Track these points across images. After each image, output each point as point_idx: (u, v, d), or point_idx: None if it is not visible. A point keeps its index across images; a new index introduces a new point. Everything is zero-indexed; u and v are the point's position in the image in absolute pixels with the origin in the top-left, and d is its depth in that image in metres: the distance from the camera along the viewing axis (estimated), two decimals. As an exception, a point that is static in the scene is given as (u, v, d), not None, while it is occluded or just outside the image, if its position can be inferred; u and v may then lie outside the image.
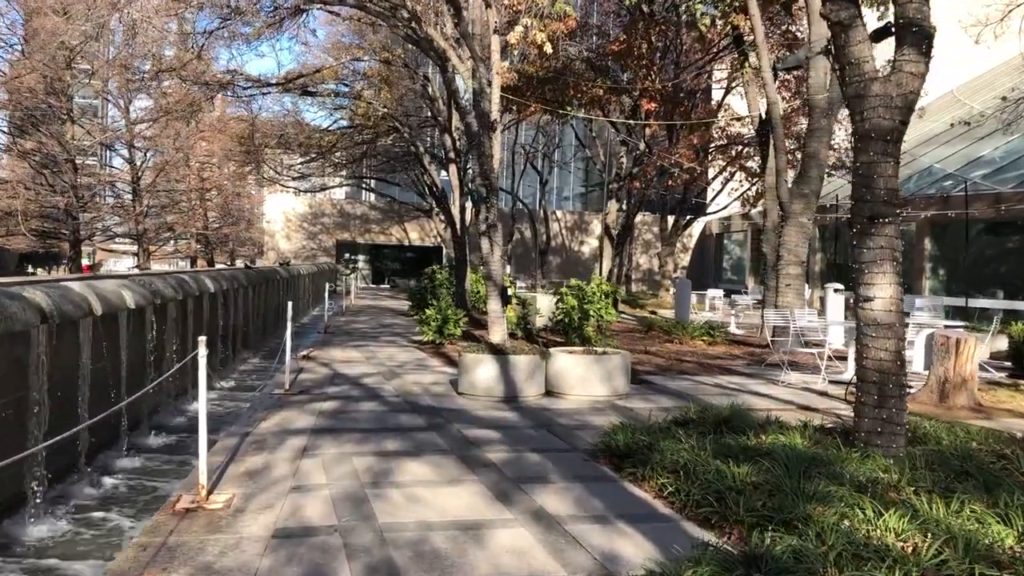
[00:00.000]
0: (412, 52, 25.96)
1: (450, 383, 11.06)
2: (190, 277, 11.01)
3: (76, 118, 27.89)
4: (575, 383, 10.04)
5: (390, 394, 10.23)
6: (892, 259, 6.53)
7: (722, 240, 48.84)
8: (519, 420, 8.71)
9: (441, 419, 8.67)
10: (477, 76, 14.83)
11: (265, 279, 17.65)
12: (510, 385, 9.80)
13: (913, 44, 6.30)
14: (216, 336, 12.80)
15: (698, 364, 14.15)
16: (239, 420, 8.62)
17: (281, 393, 10.04)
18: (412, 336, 17.73)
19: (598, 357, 10.19)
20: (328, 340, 16.91)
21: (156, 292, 9.07)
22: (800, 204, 16.05)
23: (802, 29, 26.67)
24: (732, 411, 7.94)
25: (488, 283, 15.28)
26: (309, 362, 13.16)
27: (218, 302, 12.75)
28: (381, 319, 23.44)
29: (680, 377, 12.50)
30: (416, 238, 50.26)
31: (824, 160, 16.11)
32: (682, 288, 22.64)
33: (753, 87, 19.85)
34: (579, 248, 51.12)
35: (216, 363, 12.92)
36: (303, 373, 11.86)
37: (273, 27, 22.08)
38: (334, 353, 14.46)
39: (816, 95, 15.74)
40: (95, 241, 34.29)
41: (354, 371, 12.22)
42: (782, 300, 16.15)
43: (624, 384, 10.28)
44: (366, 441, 7.56)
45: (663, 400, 10.21)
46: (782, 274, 16.23)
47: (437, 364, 13.43)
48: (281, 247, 48.31)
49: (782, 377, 12.33)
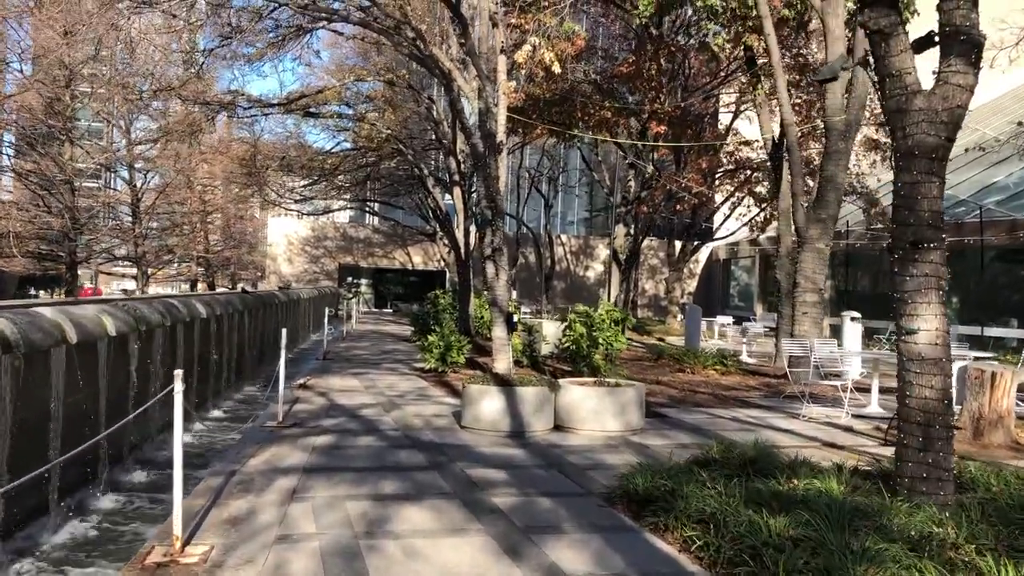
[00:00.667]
0: (417, 73, 25.60)
1: (453, 415, 10.47)
2: (180, 302, 10.47)
3: (75, 139, 27.54)
4: (586, 417, 9.45)
5: (389, 427, 9.64)
6: (937, 288, 5.97)
7: (729, 266, 48.28)
8: (527, 458, 8.11)
9: (443, 456, 8.08)
10: (483, 96, 14.37)
11: (262, 304, 17.12)
12: (517, 419, 9.21)
13: (961, 54, 5.78)
14: (209, 364, 12.24)
15: (713, 396, 13.54)
16: (226, 456, 8.04)
17: (274, 426, 9.46)
18: (414, 363, 17.15)
19: (611, 389, 9.60)
20: (327, 367, 16.34)
21: (141, 318, 8.52)
22: (817, 229, 15.52)
23: (812, 52, 26.31)
24: (758, 451, 7.34)
25: (493, 309, 14.73)
26: (305, 391, 12.58)
27: (211, 328, 12.20)
28: (382, 345, 22.87)
29: (695, 410, 11.90)
30: (419, 262, 49.78)
31: (842, 184, 15.60)
32: (692, 315, 22.04)
33: (765, 110, 19.42)
34: (584, 273, 50.58)
35: (209, 392, 12.36)
36: (298, 403, 11.28)
37: (275, 47, 21.73)
38: (332, 381, 13.88)
39: (833, 116, 15.24)
40: (93, 263, 33.82)
41: (352, 401, 11.64)
42: (799, 329, 15.57)
43: (638, 418, 9.68)
44: (362, 482, 6.97)
45: (680, 436, 9.60)
46: (798, 302, 15.67)
47: (439, 394, 12.84)
48: (283, 270, 47.83)
49: (803, 411, 11.71)
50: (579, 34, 16.45)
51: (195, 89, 20.25)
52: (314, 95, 21.42)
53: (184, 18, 16.62)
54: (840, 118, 15.27)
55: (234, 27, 18.33)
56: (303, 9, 15.02)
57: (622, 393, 9.55)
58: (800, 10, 17.29)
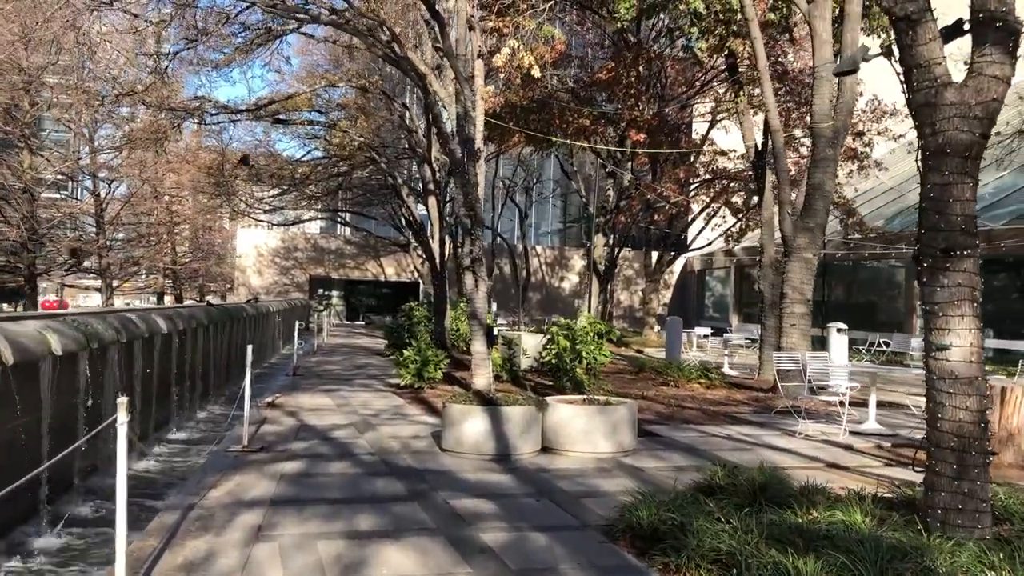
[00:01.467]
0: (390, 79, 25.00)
1: (432, 436, 9.80)
2: (138, 316, 9.72)
3: (34, 147, 26.48)
4: (576, 438, 8.83)
5: (364, 451, 8.95)
6: (971, 299, 5.44)
7: (704, 277, 48.02)
8: (516, 485, 7.48)
9: (424, 484, 7.41)
10: (461, 99, 13.77)
11: (229, 317, 16.32)
12: (502, 441, 8.57)
13: (996, 42, 5.27)
14: (171, 382, 11.46)
15: (701, 412, 12.99)
16: (185, 486, 7.32)
17: (239, 450, 8.73)
18: (388, 379, 16.44)
19: (601, 408, 8.99)
20: (297, 384, 15.59)
21: (92, 335, 7.78)
22: (805, 239, 15.07)
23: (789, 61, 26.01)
24: (767, 476, 6.77)
25: (472, 322, 14.09)
26: (274, 410, 11.84)
27: (173, 344, 11.43)
28: (355, 359, 22.12)
29: (686, 427, 11.32)
30: (392, 273, 48.95)
31: (830, 192, 15.18)
32: (672, 327, 21.55)
33: (747, 117, 19.03)
34: (560, 284, 50.06)
35: (171, 412, 11.58)
36: (266, 424, 10.55)
37: (244, 53, 21.00)
38: (302, 400, 13.14)
39: (821, 123, 14.82)
40: (56, 276, 32.67)
41: (324, 422, 10.93)
42: (787, 341, 15.09)
43: (631, 439, 9.08)
44: (335, 517, 6.29)
45: (675, 457, 9.02)
46: (786, 313, 15.19)
47: (416, 412, 12.16)
48: (252, 283, 46.77)
49: (799, 428, 11.19)
50: (559, 38, 15.92)
51: (160, 95, 19.43)
52: (284, 100, 20.69)
53: (146, 17, 15.85)
54: (828, 124, 14.86)
55: (200, 29, 17.60)
56: (271, 8, 14.34)
57: (613, 412, 8.94)
58: (784, 13, 16.93)
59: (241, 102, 22.12)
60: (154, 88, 17.98)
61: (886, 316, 33.66)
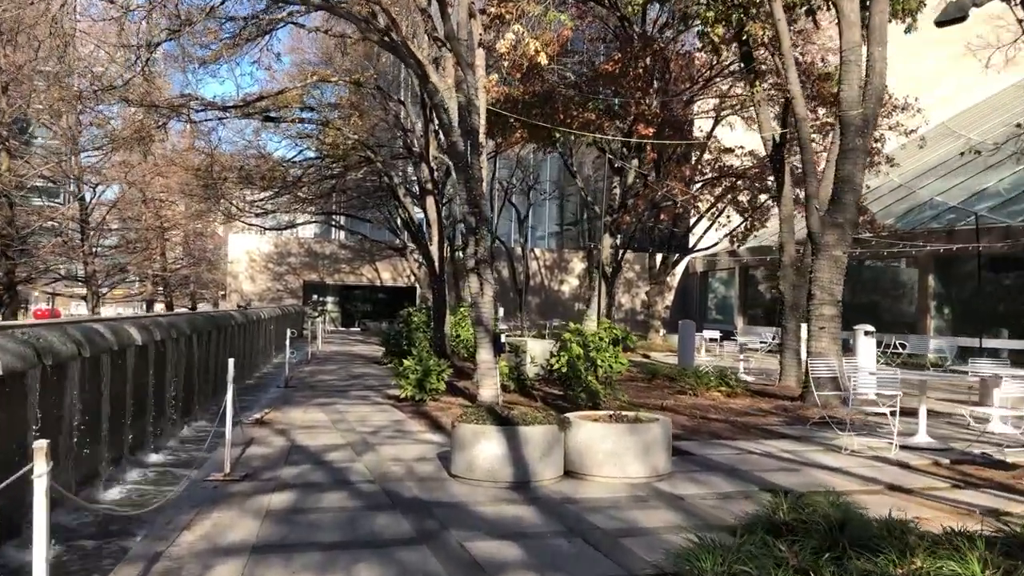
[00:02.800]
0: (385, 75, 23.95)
1: (439, 459, 8.71)
2: (106, 327, 8.63)
3: (12, 149, 25.31)
4: (603, 460, 7.75)
5: (362, 478, 7.85)
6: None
7: (707, 278, 46.99)
8: (540, 521, 6.39)
9: (434, 521, 6.33)
10: (463, 88, 12.72)
11: (215, 326, 15.21)
12: (520, 466, 7.49)
13: None
14: (147, 399, 10.36)
15: (729, 424, 11.91)
16: (153, 527, 6.22)
17: (219, 479, 7.64)
18: (387, 390, 15.35)
19: (632, 426, 7.91)
20: (289, 397, 14.48)
21: (45, 350, 6.70)
22: (833, 235, 14.02)
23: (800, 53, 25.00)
24: (843, 510, 5.71)
25: (478, 329, 13.03)
26: (262, 428, 10.74)
27: (149, 356, 10.33)
28: (351, 368, 21.02)
29: (718, 443, 10.25)
30: (388, 278, 47.83)
31: (859, 185, 14.13)
32: (686, 331, 20.48)
33: (764, 108, 18.00)
34: (559, 288, 48.98)
35: (148, 432, 10.46)
36: (253, 446, 9.45)
37: (232, 48, 19.93)
38: (294, 415, 12.04)
39: (849, 111, 13.79)
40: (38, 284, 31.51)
41: (317, 441, 9.83)
42: (816, 345, 14.02)
43: (665, 460, 8.00)
44: (329, 567, 5.20)
45: (716, 481, 7.94)
46: (814, 316, 14.13)
47: (419, 429, 11.07)
48: (245, 289, 45.62)
49: (842, 442, 10.13)
50: (566, 24, 14.87)
51: (142, 90, 18.32)
52: (274, 96, 19.59)
53: (123, 3, 14.76)
54: (857, 111, 13.82)
55: (183, 19, 16.51)
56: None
57: (645, 430, 7.86)
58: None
59: (229, 99, 21.02)
60: (135, 84, 16.85)
61: (896, 317, 32.59)
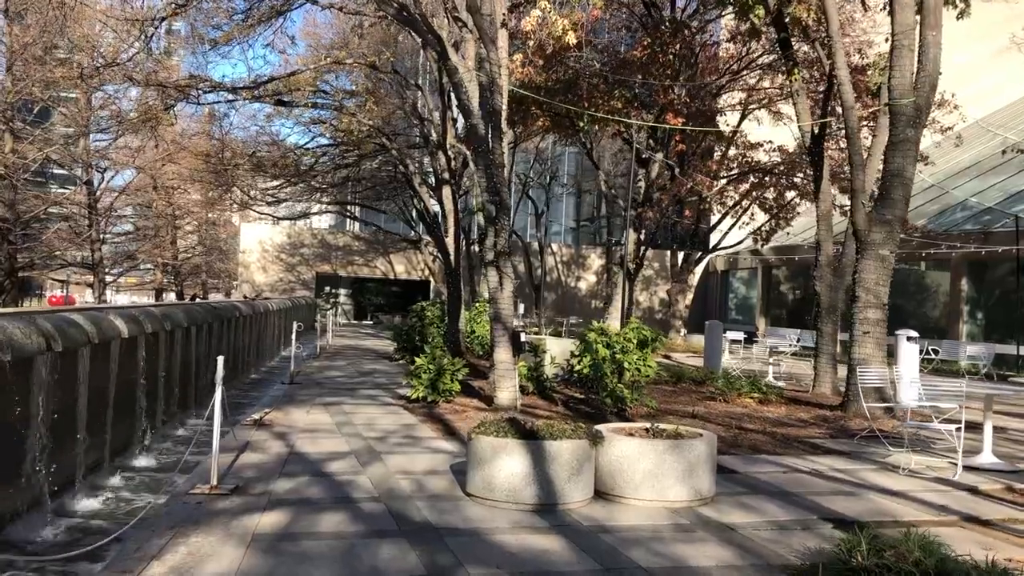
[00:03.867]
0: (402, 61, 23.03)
1: (453, 472, 7.80)
2: (85, 318, 7.76)
3: (17, 130, 24.53)
4: (640, 481, 6.81)
5: (366, 495, 6.94)
6: None
7: (727, 277, 45.90)
8: (572, 557, 5.45)
9: (447, 554, 5.40)
10: (485, 67, 11.80)
11: (217, 317, 14.34)
12: (546, 485, 6.56)
13: None
14: (135, 396, 9.50)
15: (768, 436, 10.93)
16: (119, 557, 5.33)
17: (205, 492, 6.75)
18: (398, 388, 14.46)
19: (673, 443, 6.96)
20: (292, 395, 13.60)
21: (4, 343, 5.83)
22: (881, 233, 13.00)
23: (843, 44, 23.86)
24: (935, 557, 4.75)
25: (496, 326, 12.12)
26: (260, 431, 9.86)
27: (139, 350, 9.47)
28: (361, 364, 20.14)
29: (760, 459, 9.28)
30: (402, 271, 46.97)
31: (911, 180, 13.09)
32: (712, 332, 19.49)
33: (803, 98, 16.96)
34: (576, 284, 48.01)
35: (136, 432, 9.60)
36: (247, 452, 8.56)
37: (245, 30, 19.11)
38: (296, 416, 11.15)
39: (901, 99, 12.77)
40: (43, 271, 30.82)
41: (318, 448, 8.93)
42: (859, 351, 13.02)
43: (709, 482, 7.05)
44: (319, 618, 4.29)
45: (768, 507, 6.98)
46: (858, 319, 13.12)
47: (431, 434, 10.15)
48: (256, 279, 44.88)
49: (897, 460, 9.15)
50: (596, 3, 13.89)
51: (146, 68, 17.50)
52: (286, 78, 18.70)
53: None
54: (909, 100, 12.80)
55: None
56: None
57: (688, 448, 6.91)
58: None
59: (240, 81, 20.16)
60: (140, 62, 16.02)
61: (924, 321, 31.42)
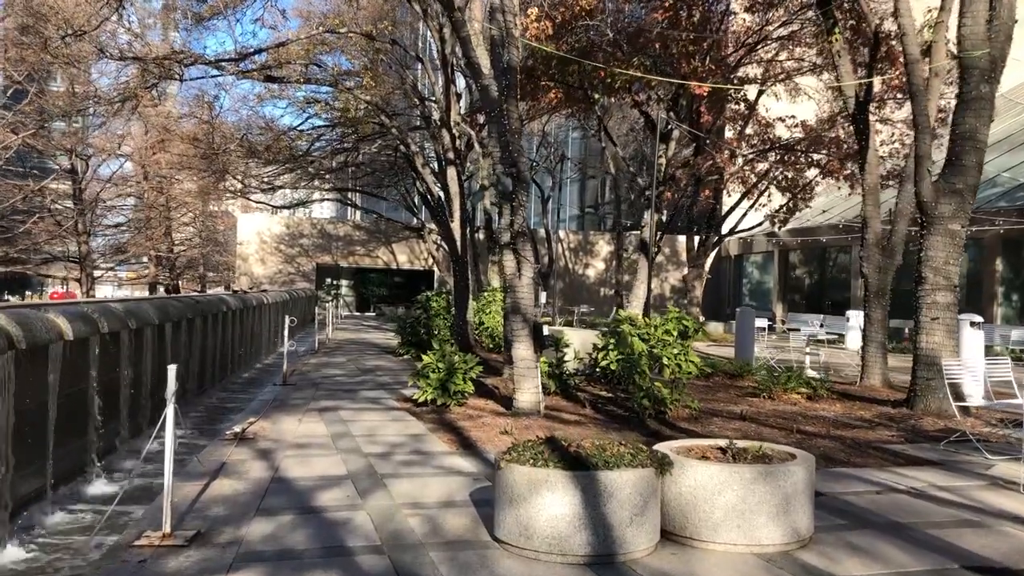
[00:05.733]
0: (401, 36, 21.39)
1: (473, 503, 6.23)
2: (8, 318, 6.19)
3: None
4: (721, 520, 5.23)
5: (365, 542, 5.36)
6: None
7: (741, 262, 44.32)
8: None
9: (477, 646, 3.83)
10: (498, 18, 10.17)
11: (199, 313, 12.77)
12: (601, 530, 4.97)
13: None
14: (88, 409, 7.94)
15: (835, 440, 9.32)
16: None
17: (154, 544, 5.19)
18: (402, 389, 12.88)
19: (763, 469, 5.35)
20: (285, 398, 12.02)
21: None
22: (951, 205, 11.37)
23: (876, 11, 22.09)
24: None
25: (513, 319, 10.53)
26: (241, 447, 8.29)
27: (90, 353, 7.91)
28: (362, 359, 18.56)
29: (840, 473, 7.68)
30: (405, 261, 45.36)
31: (984, 143, 11.45)
32: (744, 320, 17.86)
33: (845, 59, 15.29)
34: (584, 271, 46.40)
35: (89, 453, 8.04)
36: (221, 478, 7.00)
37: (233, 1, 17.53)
38: (285, 427, 9.57)
39: (974, 51, 11.13)
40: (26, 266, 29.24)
41: (308, 471, 7.35)
42: (927, 340, 11.41)
43: (808, 518, 5.45)
44: None
45: (883, 547, 5.39)
46: (925, 304, 11.51)
47: (443, 448, 8.56)
48: (255, 272, 43.31)
49: (1005, 472, 7.56)
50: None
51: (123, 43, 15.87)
52: (275, 48, 17.05)
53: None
54: (982, 52, 11.18)
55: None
56: None
57: (783, 475, 5.32)
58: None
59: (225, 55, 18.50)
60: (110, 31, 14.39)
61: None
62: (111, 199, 32.57)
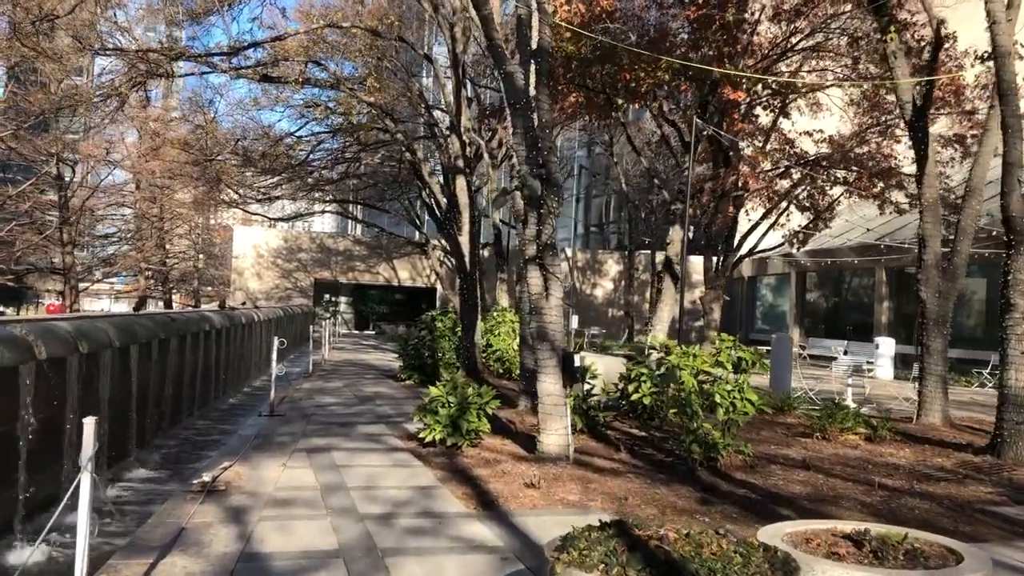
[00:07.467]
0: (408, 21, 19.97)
1: (506, 602, 4.63)
2: None
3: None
4: (870, 653, 3.63)
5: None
6: None
7: (755, 284, 42.82)
8: None
9: None
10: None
11: (175, 332, 11.18)
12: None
13: None
14: (13, 454, 6.36)
15: (928, 500, 7.71)
16: None
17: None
18: (405, 423, 11.27)
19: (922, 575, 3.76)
20: (269, 434, 10.39)
21: None
22: (1045, 220, 9.85)
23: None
24: None
25: (539, 346, 8.94)
26: (208, 503, 6.69)
27: (20, 385, 6.34)
28: (361, 385, 16.94)
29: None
30: (406, 277, 43.83)
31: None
32: (780, 348, 16.29)
33: (900, 59, 13.81)
34: (592, 291, 44.87)
35: (17, 511, 6.46)
36: (173, 553, 5.39)
37: None
38: (266, 474, 7.95)
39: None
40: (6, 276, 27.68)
41: (288, 543, 5.74)
42: (1017, 376, 9.85)
43: (987, 647, 3.86)
44: None
45: None
46: (1014, 335, 9.95)
47: (459, 508, 6.94)
48: (251, 286, 41.78)
49: None
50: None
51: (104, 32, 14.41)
52: (271, 42, 15.59)
53: None
54: (1081, 46, 9.69)
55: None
56: None
57: (953, 586, 3.72)
58: None
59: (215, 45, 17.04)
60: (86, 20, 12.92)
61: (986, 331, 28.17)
62: (101, 209, 31.05)
